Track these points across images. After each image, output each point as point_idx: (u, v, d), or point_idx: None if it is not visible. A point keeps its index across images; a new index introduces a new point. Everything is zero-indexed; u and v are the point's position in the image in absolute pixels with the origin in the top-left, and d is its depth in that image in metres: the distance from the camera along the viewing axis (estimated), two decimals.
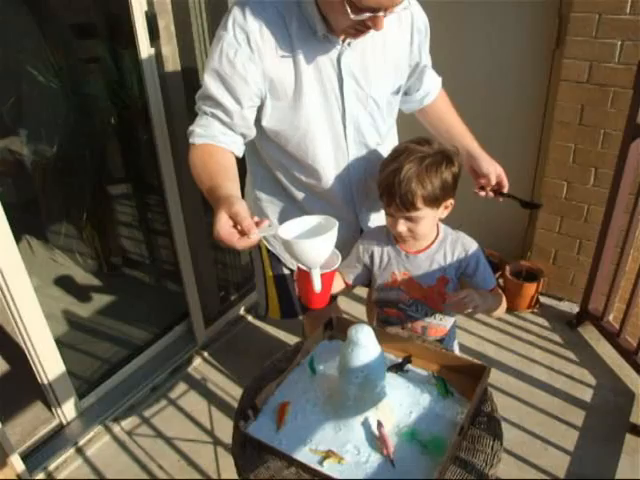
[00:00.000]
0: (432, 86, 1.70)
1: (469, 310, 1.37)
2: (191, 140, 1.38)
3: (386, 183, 1.36)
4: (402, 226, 1.40)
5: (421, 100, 1.71)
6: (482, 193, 1.60)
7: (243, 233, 1.09)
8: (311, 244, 1.09)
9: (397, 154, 1.37)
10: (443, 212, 1.44)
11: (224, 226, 1.09)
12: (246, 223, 1.07)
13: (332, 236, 1.10)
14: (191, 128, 1.39)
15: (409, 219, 1.39)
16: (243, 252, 2.78)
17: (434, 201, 1.37)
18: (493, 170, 1.57)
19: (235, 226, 1.10)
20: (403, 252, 1.50)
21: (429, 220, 1.41)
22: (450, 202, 1.43)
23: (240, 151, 1.42)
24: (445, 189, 1.37)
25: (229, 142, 1.37)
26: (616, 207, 2.35)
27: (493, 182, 1.57)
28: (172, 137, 2.24)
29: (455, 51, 2.72)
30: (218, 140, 1.36)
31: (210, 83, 1.33)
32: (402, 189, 1.32)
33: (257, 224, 1.10)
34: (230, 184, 1.25)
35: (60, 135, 2.38)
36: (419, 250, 1.49)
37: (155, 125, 2.18)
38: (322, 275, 1.20)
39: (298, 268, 1.25)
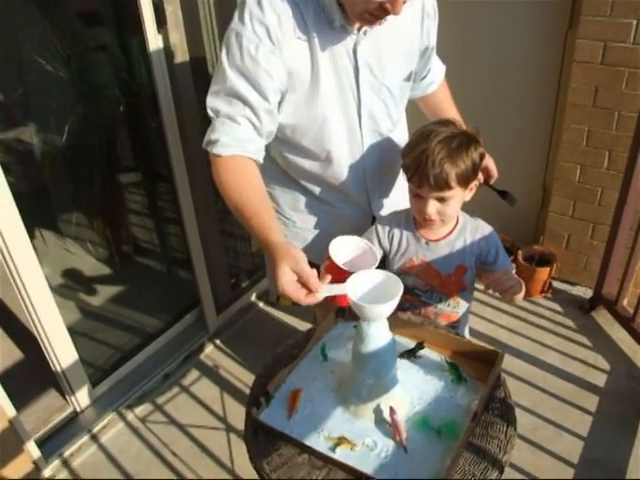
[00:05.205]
0: (437, 75, 1.72)
1: (506, 286, 1.36)
2: (216, 151, 1.30)
3: (417, 164, 1.33)
4: (432, 207, 1.37)
5: (425, 88, 1.72)
6: None
7: (309, 288, 1.10)
8: (381, 308, 1.10)
9: (423, 136, 1.35)
10: (468, 194, 1.43)
11: (290, 282, 1.10)
12: (313, 281, 1.09)
13: (398, 299, 1.10)
14: (214, 137, 1.30)
15: (440, 200, 1.37)
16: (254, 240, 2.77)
17: (466, 180, 1.36)
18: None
19: (299, 280, 1.10)
20: (423, 239, 1.48)
21: (458, 201, 1.40)
22: (475, 183, 1.42)
23: (263, 158, 1.37)
24: (475, 169, 1.37)
25: (255, 150, 1.33)
26: (630, 190, 2.32)
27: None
28: (181, 124, 2.23)
29: (466, 32, 2.69)
30: (245, 150, 1.30)
31: (235, 82, 1.28)
32: (436, 168, 1.30)
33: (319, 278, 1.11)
34: (277, 224, 1.25)
35: (69, 124, 2.38)
36: (439, 238, 1.47)
37: (164, 112, 2.17)
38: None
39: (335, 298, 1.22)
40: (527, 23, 2.57)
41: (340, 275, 1.17)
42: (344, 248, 1.21)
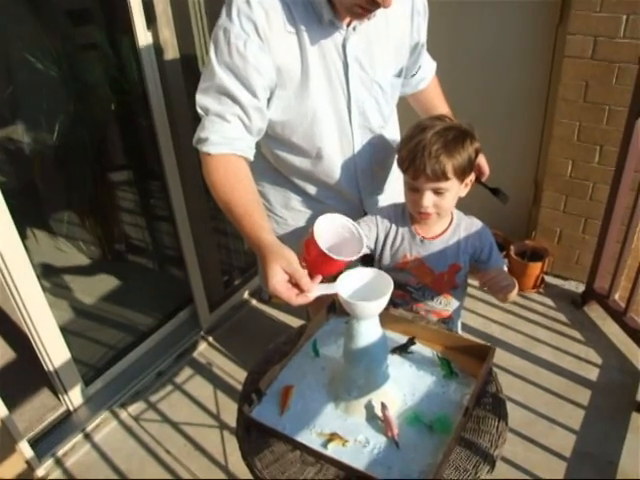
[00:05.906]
0: (428, 72, 1.72)
1: (501, 286, 1.35)
2: (206, 149, 1.29)
3: (413, 155, 1.33)
4: (428, 200, 1.36)
5: (416, 85, 1.72)
6: None
7: (300, 289, 1.09)
8: (372, 305, 1.09)
9: (418, 129, 1.35)
10: (464, 189, 1.43)
11: (281, 282, 1.09)
12: (304, 281, 1.08)
13: (388, 296, 1.10)
14: (203, 135, 1.29)
15: (436, 191, 1.36)
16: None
17: (462, 173, 1.36)
18: None
19: (290, 280, 1.10)
20: (418, 237, 1.47)
21: (453, 194, 1.39)
22: (470, 179, 1.42)
23: (253, 155, 1.37)
24: (470, 163, 1.37)
25: (245, 148, 1.32)
26: (621, 185, 2.33)
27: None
28: (172, 122, 2.22)
29: (458, 29, 2.69)
30: (235, 148, 1.30)
31: (224, 79, 1.27)
32: (432, 159, 1.30)
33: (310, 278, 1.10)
34: (268, 225, 1.23)
35: (60, 122, 2.37)
36: (434, 236, 1.47)
37: (155, 110, 2.16)
38: (345, 261, 1.17)
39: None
40: (518, 19, 2.57)
41: (318, 254, 1.13)
42: (327, 233, 1.16)
